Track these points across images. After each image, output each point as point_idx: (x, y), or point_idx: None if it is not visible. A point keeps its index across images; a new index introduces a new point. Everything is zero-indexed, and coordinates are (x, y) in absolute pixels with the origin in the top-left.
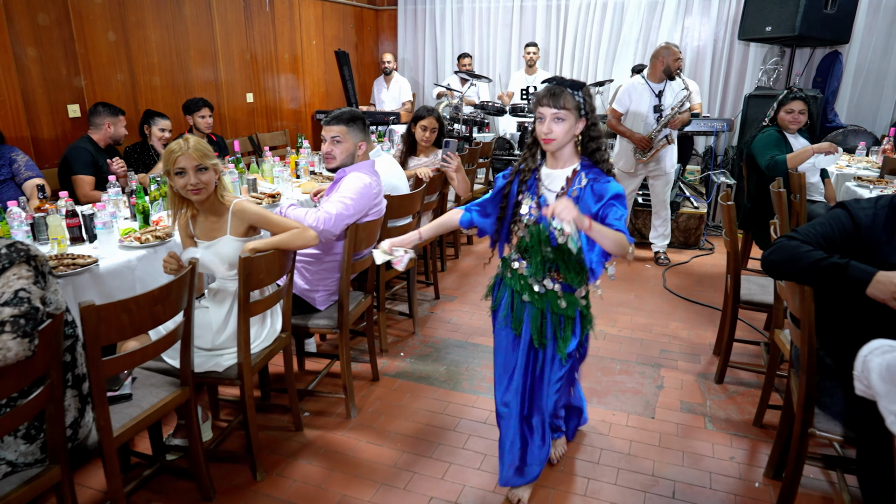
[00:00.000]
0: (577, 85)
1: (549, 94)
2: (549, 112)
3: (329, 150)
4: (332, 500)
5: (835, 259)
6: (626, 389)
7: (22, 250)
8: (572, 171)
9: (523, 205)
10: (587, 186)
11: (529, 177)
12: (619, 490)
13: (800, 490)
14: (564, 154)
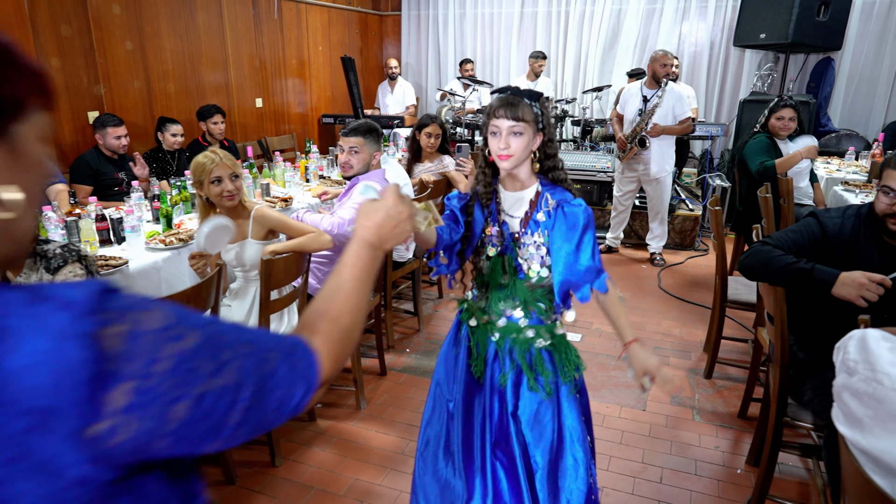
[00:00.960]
0: (534, 95)
1: (505, 105)
2: (506, 125)
3: (347, 160)
4: (345, 484)
5: (802, 264)
6: (620, 384)
7: (74, 250)
8: (535, 193)
9: (487, 233)
10: (558, 209)
11: (491, 201)
12: (611, 475)
13: (779, 476)
14: (522, 173)
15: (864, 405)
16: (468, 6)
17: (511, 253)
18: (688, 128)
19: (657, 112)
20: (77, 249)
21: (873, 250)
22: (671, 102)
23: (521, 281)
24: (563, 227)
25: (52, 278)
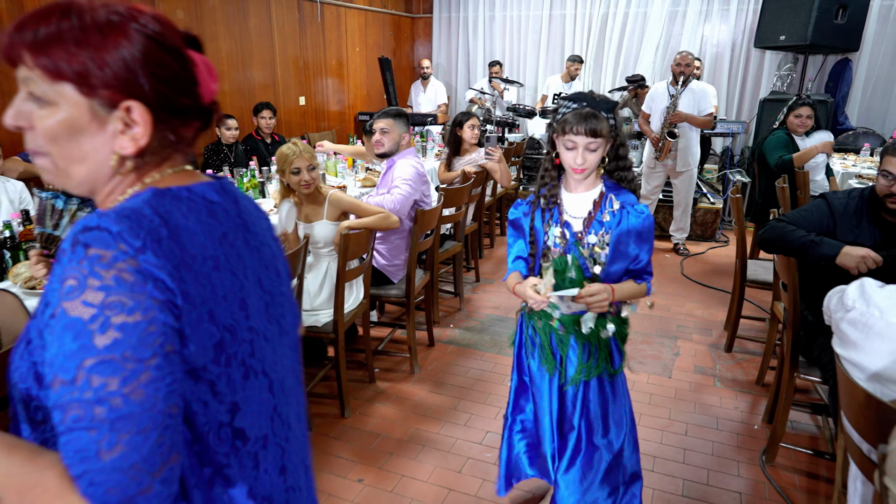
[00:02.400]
0: (609, 107)
1: (583, 121)
2: (583, 141)
3: (379, 139)
4: (407, 432)
5: (812, 236)
6: (647, 356)
7: None
8: (599, 194)
9: (549, 235)
10: (622, 210)
11: (555, 205)
12: (642, 429)
13: (791, 431)
14: (589, 178)
15: (858, 330)
16: (497, 9)
17: (575, 252)
18: (709, 122)
19: (680, 105)
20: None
21: (874, 226)
22: (696, 98)
23: (586, 279)
24: (631, 229)
25: None
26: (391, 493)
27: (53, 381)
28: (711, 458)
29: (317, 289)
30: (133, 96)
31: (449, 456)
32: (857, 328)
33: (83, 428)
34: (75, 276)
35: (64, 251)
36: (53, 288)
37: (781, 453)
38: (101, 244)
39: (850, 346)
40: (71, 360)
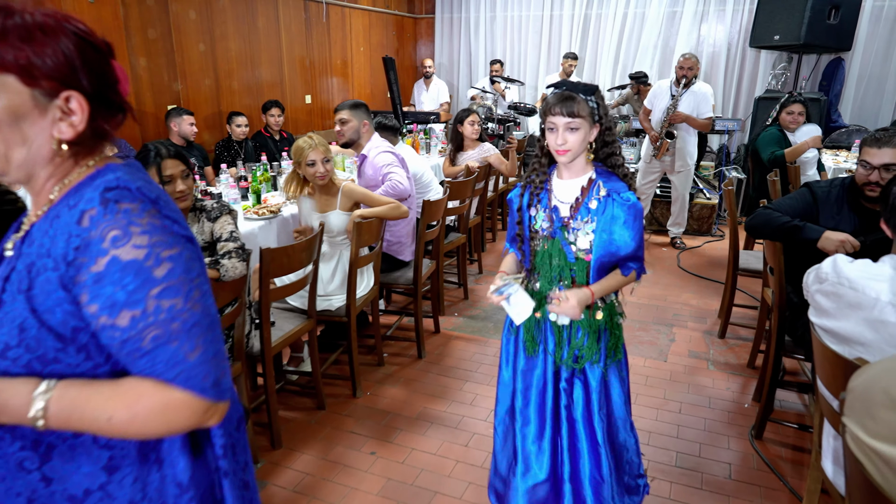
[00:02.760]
0: (589, 89)
1: (561, 102)
2: (562, 121)
3: (340, 130)
4: (416, 410)
5: (795, 222)
6: (644, 342)
7: (225, 205)
8: (588, 181)
9: (537, 219)
10: (608, 198)
11: (542, 190)
12: (638, 407)
13: (780, 409)
14: (577, 163)
15: (830, 300)
16: (498, 9)
17: (559, 235)
18: (707, 125)
19: (681, 106)
20: (227, 204)
21: (854, 213)
22: (696, 101)
23: (569, 263)
24: (616, 216)
25: (212, 226)
26: (402, 464)
27: (119, 318)
28: (704, 433)
29: (329, 276)
30: (72, 87)
31: (456, 431)
32: (830, 298)
33: (165, 343)
34: (117, 227)
35: (93, 210)
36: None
37: (769, 429)
38: (128, 199)
39: (824, 314)
40: (138, 294)
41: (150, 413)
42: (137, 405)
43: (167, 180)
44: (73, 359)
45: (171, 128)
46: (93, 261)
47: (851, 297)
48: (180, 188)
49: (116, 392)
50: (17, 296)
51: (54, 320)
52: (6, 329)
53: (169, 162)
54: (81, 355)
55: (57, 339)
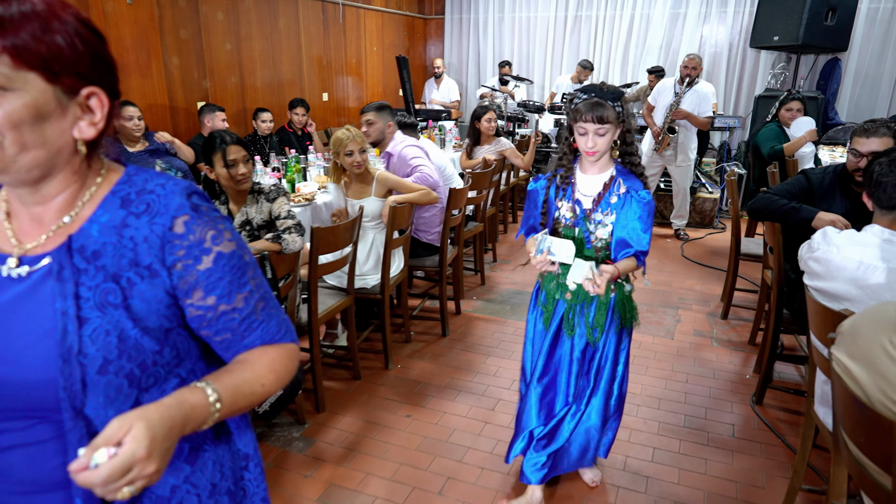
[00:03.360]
0: (616, 96)
1: (592, 110)
2: (593, 127)
3: (366, 130)
4: (444, 380)
5: (792, 204)
6: (652, 322)
7: (281, 188)
8: (609, 177)
9: (561, 210)
10: (627, 194)
11: (568, 185)
12: (649, 378)
13: (778, 379)
14: (602, 160)
15: (821, 265)
16: (506, 10)
17: (582, 226)
18: (707, 123)
19: (683, 104)
20: (283, 187)
21: (845, 197)
22: (698, 99)
23: (588, 250)
24: (634, 211)
25: (270, 206)
26: (436, 425)
27: (237, 301)
28: (709, 399)
29: (364, 257)
30: (91, 83)
31: (482, 398)
32: (821, 263)
33: (270, 309)
34: (211, 227)
35: (186, 216)
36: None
37: (769, 395)
38: (204, 200)
39: (816, 277)
40: (243, 278)
41: (286, 368)
42: (277, 365)
43: (231, 164)
44: (166, 359)
45: (205, 123)
46: (199, 260)
47: (839, 260)
48: (242, 171)
49: (255, 365)
50: (107, 310)
51: (152, 325)
52: (100, 345)
53: (232, 148)
54: (172, 353)
55: (155, 343)
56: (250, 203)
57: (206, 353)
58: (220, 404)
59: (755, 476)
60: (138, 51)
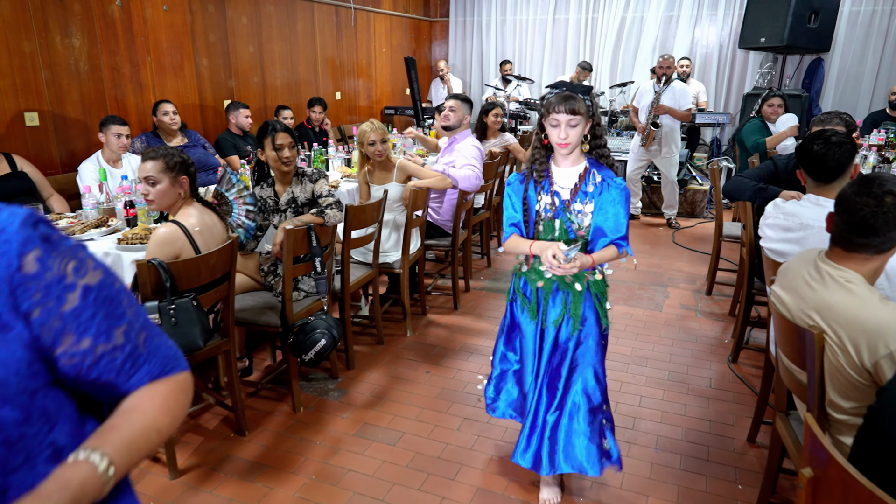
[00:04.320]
0: (585, 90)
1: (563, 102)
2: (565, 118)
3: (447, 114)
4: (457, 344)
5: (760, 185)
6: (643, 297)
7: (321, 171)
8: (584, 168)
9: (540, 203)
10: (603, 183)
11: (544, 177)
12: (638, 342)
13: (753, 344)
14: (573, 154)
15: (772, 230)
16: (508, 13)
17: (562, 217)
18: (687, 116)
19: (663, 100)
20: (323, 171)
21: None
22: (676, 95)
23: (571, 239)
24: (611, 198)
25: (312, 186)
26: (452, 378)
27: (116, 338)
28: (690, 359)
29: (386, 236)
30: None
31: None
32: (772, 228)
33: (153, 339)
34: (69, 258)
35: (37, 249)
36: None
37: (743, 356)
38: (52, 229)
39: (768, 239)
40: (117, 311)
41: (180, 405)
42: (171, 404)
43: (278, 147)
44: (35, 428)
45: (230, 119)
46: (63, 300)
47: (784, 224)
48: (286, 154)
49: (145, 412)
50: None
51: (12, 392)
52: None
53: (280, 134)
54: (42, 419)
55: (19, 411)
56: (295, 184)
57: (84, 404)
58: (112, 468)
59: (727, 416)
60: (173, 53)
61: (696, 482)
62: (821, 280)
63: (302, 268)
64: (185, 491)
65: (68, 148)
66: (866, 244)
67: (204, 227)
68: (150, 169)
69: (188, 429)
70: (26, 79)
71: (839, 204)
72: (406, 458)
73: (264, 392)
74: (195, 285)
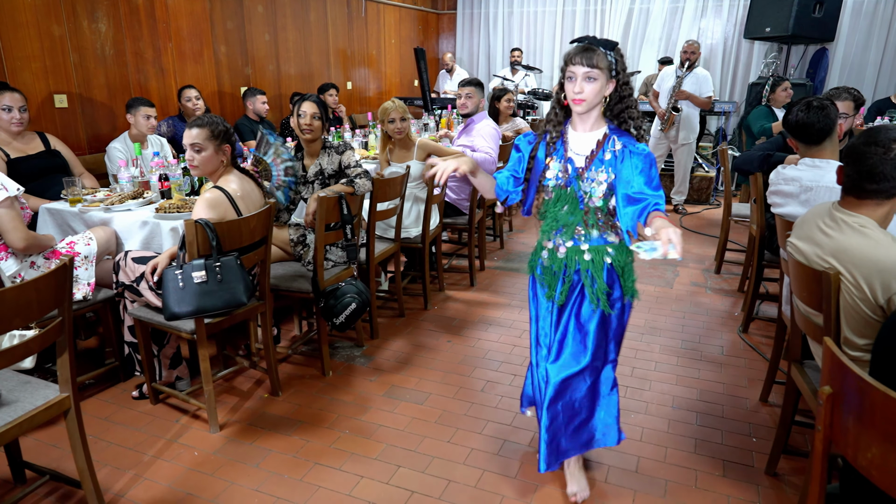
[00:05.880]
0: (609, 44)
1: (581, 53)
2: (581, 71)
3: (464, 102)
4: (476, 317)
5: (767, 152)
6: (654, 276)
7: (348, 144)
8: (603, 135)
9: (550, 168)
10: (624, 150)
11: (558, 139)
12: (651, 315)
13: (763, 315)
14: (592, 117)
15: (777, 196)
16: (515, 4)
17: (574, 185)
18: (708, 103)
19: (684, 86)
20: (349, 143)
21: None
22: (699, 81)
23: (580, 210)
24: (636, 165)
25: (339, 157)
26: (473, 347)
27: None
28: (702, 329)
29: (407, 212)
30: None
31: (510, 329)
32: (777, 195)
33: None
34: None
35: None
36: None
37: (753, 326)
38: None
39: (776, 206)
40: None
41: None
42: None
43: (300, 115)
44: None
45: (248, 105)
46: None
47: (786, 189)
48: (305, 122)
49: None
50: None
51: None
52: None
53: (305, 104)
54: None
55: None
56: (322, 156)
57: None
58: None
59: (739, 380)
60: (192, 40)
61: (711, 436)
62: (836, 227)
63: (332, 235)
64: (226, 443)
65: (94, 129)
66: (877, 189)
67: (244, 193)
68: (196, 136)
69: (224, 390)
70: (56, 62)
71: (848, 156)
72: (434, 415)
73: (293, 358)
74: (237, 246)
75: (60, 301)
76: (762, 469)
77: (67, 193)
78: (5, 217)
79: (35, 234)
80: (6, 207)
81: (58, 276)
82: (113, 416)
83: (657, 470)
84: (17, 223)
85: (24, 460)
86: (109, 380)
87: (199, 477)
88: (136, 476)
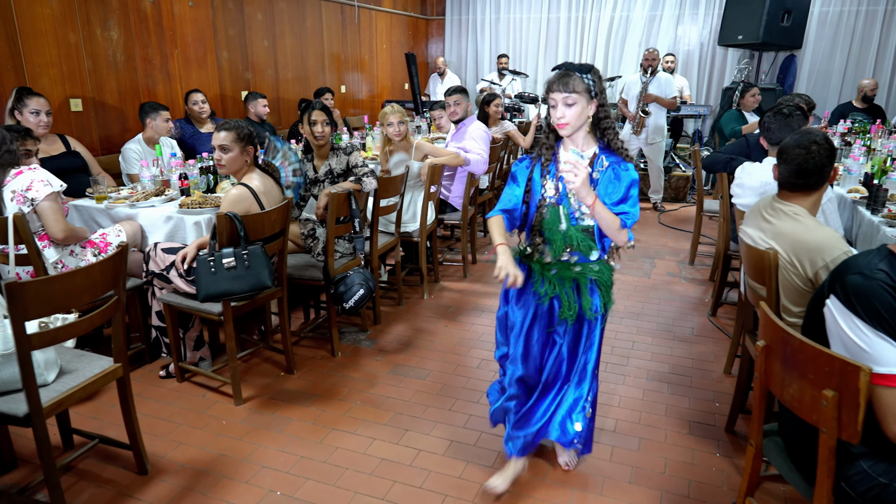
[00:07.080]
0: (585, 68)
1: (559, 80)
2: (560, 97)
3: (454, 109)
4: (470, 305)
5: (731, 156)
6: (633, 267)
7: (355, 145)
8: (592, 154)
9: (546, 188)
10: (609, 169)
11: (550, 162)
12: (630, 301)
13: (731, 301)
14: (580, 137)
15: (739, 188)
16: (502, 11)
17: (565, 202)
18: (673, 104)
19: (649, 90)
20: (356, 145)
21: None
22: (662, 85)
23: (572, 227)
24: (608, 182)
25: (347, 158)
26: (468, 330)
27: None
28: (676, 314)
29: (405, 209)
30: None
31: None
32: (740, 187)
33: None
34: None
35: None
36: None
37: (721, 311)
38: None
39: (737, 196)
40: None
41: None
42: None
43: (312, 123)
44: None
45: (249, 109)
46: None
47: (748, 183)
48: (319, 130)
49: None
50: None
51: None
52: None
53: (315, 112)
54: None
55: None
56: (331, 157)
57: None
58: None
59: (707, 356)
60: (197, 46)
61: (680, 402)
62: (775, 215)
63: (341, 228)
64: (250, 414)
65: (106, 131)
66: (805, 183)
67: (265, 189)
68: (224, 138)
69: (243, 370)
70: (72, 67)
71: (780, 156)
72: (436, 388)
73: (303, 342)
74: (260, 237)
75: (117, 282)
76: (723, 427)
77: (94, 191)
78: (49, 210)
79: (73, 227)
80: (51, 201)
81: (115, 261)
82: (143, 392)
83: (632, 430)
84: (59, 216)
85: (72, 427)
86: (135, 362)
87: (229, 441)
88: (172, 441)
